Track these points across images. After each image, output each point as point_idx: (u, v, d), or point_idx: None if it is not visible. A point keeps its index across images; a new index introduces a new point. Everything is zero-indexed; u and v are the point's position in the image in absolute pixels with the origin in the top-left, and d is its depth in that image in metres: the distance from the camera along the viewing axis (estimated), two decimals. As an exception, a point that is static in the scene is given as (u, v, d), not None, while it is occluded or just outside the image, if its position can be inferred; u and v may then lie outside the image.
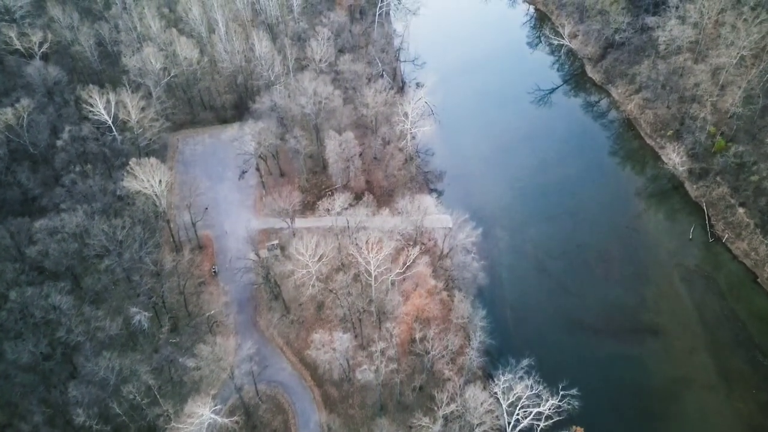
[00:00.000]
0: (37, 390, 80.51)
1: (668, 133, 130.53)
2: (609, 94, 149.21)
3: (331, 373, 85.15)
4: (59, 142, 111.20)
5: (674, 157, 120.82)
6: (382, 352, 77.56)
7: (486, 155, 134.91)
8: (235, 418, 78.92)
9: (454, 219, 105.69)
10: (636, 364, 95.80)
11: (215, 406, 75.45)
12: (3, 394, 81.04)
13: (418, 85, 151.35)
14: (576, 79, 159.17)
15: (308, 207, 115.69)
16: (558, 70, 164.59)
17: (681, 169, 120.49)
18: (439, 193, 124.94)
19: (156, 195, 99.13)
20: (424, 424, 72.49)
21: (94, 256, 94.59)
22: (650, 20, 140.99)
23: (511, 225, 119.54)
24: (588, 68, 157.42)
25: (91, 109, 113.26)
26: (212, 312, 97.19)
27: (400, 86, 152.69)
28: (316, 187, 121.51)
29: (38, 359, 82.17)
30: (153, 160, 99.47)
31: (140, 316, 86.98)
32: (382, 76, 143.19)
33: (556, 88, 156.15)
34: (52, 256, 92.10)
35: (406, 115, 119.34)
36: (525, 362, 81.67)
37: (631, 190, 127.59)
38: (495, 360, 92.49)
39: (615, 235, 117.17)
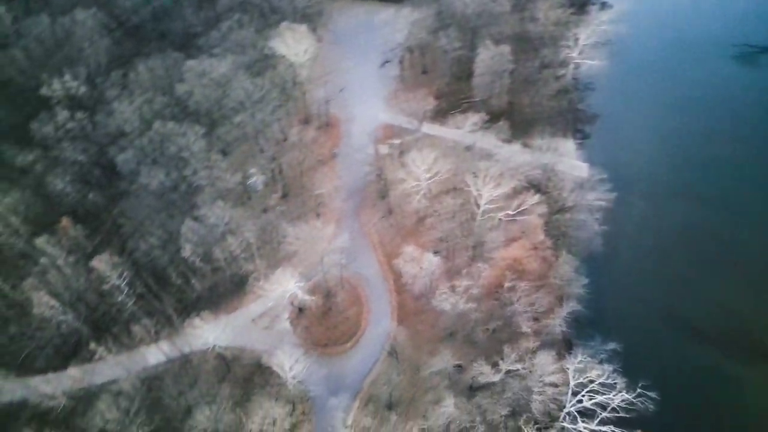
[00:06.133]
0: (158, 215, 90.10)
1: None
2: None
3: (413, 285, 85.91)
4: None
5: None
6: (466, 290, 75.93)
7: (656, 111, 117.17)
8: (315, 297, 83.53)
9: (591, 172, 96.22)
10: (739, 387, 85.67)
11: (300, 282, 79.86)
12: (132, 209, 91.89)
13: (603, 6, 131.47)
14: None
15: (440, 114, 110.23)
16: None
17: None
18: (585, 137, 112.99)
19: (298, 65, 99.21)
20: (483, 371, 71.79)
21: (231, 108, 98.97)
22: None
23: (654, 197, 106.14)
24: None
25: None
26: (322, 191, 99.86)
27: (582, 3, 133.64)
28: (454, 95, 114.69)
29: (165, 188, 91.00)
30: (303, 27, 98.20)
31: (257, 177, 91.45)
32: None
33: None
34: (196, 98, 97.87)
35: (576, 40, 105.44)
36: (611, 345, 76.38)
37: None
38: (580, 331, 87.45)
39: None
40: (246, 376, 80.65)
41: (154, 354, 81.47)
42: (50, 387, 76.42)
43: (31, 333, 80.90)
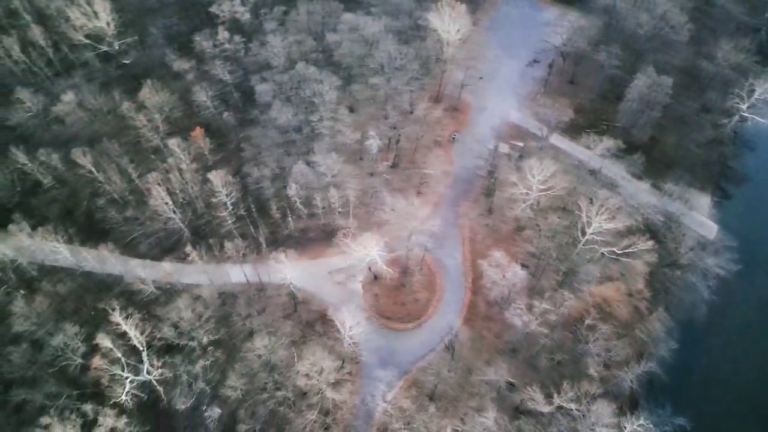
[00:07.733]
0: (277, 150, 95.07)
1: None
2: None
3: (490, 291, 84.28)
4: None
5: None
6: (543, 313, 73.10)
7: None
8: (392, 270, 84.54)
9: (719, 236, 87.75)
10: None
11: (383, 251, 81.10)
12: (256, 138, 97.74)
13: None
14: None
15: (574, 129, 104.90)
16: None
17: None
18: (724, 197, 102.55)
19: (447, 42, 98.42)
20: (535, 398, 69.31)
21: (370, 68, 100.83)
22: None
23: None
24: None
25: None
26: (430, 172, 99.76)
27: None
28: (595, 114, 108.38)
29: (290, 127, 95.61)
30: (463, 7, 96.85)
31: (374, 141, 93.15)
32: (758, 30, 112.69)
33: None
34: (342, 50, 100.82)
35: (751, 91, 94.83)
36: (680, 420, 70.70)
37: None
38: (651, 394, 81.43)
39: None
40: (308, 321, 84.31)
41: (237, 273, 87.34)
42: (144, 272, 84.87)
43: (143, 220, 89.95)
